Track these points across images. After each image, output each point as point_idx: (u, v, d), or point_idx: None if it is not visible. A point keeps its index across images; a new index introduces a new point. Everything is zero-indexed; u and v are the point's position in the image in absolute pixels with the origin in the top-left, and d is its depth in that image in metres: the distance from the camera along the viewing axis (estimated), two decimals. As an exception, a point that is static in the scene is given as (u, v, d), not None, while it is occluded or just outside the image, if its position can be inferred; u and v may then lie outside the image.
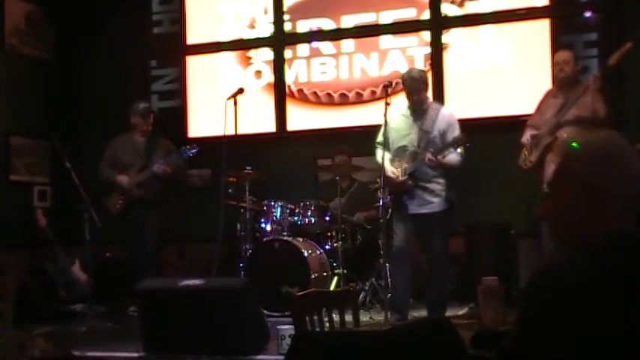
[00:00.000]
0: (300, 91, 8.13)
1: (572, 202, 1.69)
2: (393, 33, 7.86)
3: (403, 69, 6.81)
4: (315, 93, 8.08)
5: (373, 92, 7.85)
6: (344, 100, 8.01)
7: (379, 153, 5.76)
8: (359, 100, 7.92)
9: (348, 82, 8.00)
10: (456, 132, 5.56)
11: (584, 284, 1.65)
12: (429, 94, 6.00)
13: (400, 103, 5.86)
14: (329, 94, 8.05)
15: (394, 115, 5.76)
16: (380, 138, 5.82)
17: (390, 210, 5.78)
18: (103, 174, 6.95)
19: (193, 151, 6.87)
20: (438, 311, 5.59)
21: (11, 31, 8.05)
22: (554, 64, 5.72)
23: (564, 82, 5.60)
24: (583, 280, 1.66)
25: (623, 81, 6.73)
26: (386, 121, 5.73)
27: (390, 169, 5.68)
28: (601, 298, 1.63)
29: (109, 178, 6.91)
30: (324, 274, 6.64)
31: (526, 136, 5.73)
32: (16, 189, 7.95)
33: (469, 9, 7.64)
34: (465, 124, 7.27)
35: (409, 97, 5.66)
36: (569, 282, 1.66)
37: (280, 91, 8.13)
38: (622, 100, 6.76)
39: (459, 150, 5.56)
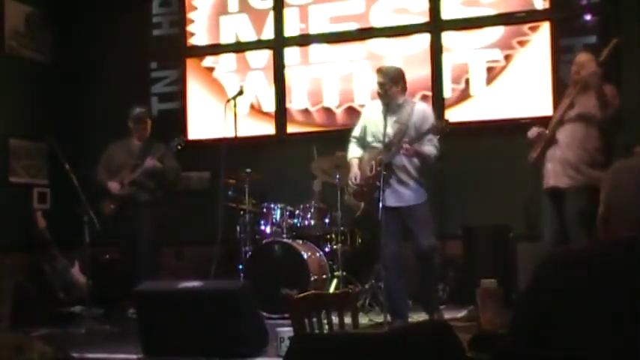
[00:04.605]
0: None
1: (600, 218, 1.98)
2: (393, 36, 7.86)
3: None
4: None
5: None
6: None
7: (351, 149, 5.77)
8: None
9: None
10: (430, 123, 5.54)
11: (580, 279, 1.81)
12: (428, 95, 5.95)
13: (378, 100, 5.83)
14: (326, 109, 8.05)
15: (370, 110, 5.78)
16: (356, 132, 5.81)
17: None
18: (97, 178, 6.95)
19: (178, 141, 6.85)
20: (433, 310, 5.58)
21: (10, 33, 8.06)
22: (573, 65, 5.74)
23: (577, 84, 5.60)
24: (579, 276, 1.82)
25: (620, 83, 6.74)
26: (363, 116, 5.79)
27: (354, 174, 5.67)
28: (593, 293, 1.79)
29: (101, 183, 6.91)
30: (324, 276, 6.64)
31: (531, 131, 5.72)
32: (15, 191, 7.95)
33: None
34: (464, 126, 7.35)
35: (378, 91, 5.65)
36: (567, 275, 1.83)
37: (280, 94, 8.13)
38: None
39: (435, 143, 5.52)
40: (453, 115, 7.36)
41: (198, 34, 8.49)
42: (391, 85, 5.58)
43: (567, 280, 1.82)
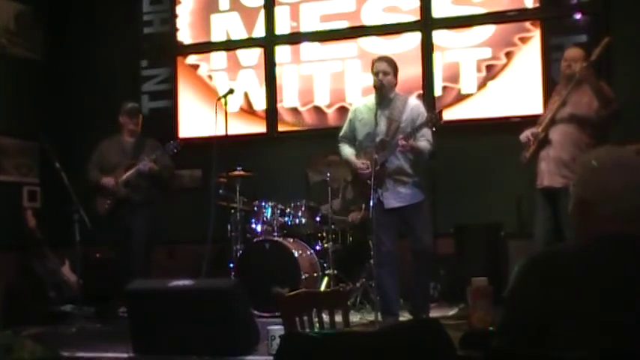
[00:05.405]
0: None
1: (572, 212, 1.98)
2: (384, 35, 7.86)
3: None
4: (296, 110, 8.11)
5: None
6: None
7: (344, 148, 5.74)
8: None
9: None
10: (424, 117, 5.49)
11: (563, 279, 1.83)
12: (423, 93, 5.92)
13: (365, 98, 5.79)
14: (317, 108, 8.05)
15: (359, 108, 5.72)
16: (344, 132, 5.77)
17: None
18: (90, 176, 6.93)
19: (175, 145, 6.84)
20: (423, 312, 5.56)
21: (0, 31, 8.02)
22: (563, 60, 5.72)
23: (569, 80, 5.59)
24: (562, 275, 1.84)
25: (612, 82, 6.77)
26: (351, 116, 5.75)
27: (360, 162, 5.59)
28: (578, 293, 1.80)
29: (95, 181, 6.89)
30: (315, 274, 6.64)
31: (525, 134, 5.73)
32: (6, 189, 7.92)
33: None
34: (455, 125, 7.36)
35: (376, 81, 5.49)
36: (550, 275, 1.85)
37: (271, 93, 8.12)
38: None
39: (429, 138, 5.49)
40: (450, 114, 7.37)
41: (187, 31, 8.47)
42: (393, 74, 5.55)
43: (555, 278, 1.83)
